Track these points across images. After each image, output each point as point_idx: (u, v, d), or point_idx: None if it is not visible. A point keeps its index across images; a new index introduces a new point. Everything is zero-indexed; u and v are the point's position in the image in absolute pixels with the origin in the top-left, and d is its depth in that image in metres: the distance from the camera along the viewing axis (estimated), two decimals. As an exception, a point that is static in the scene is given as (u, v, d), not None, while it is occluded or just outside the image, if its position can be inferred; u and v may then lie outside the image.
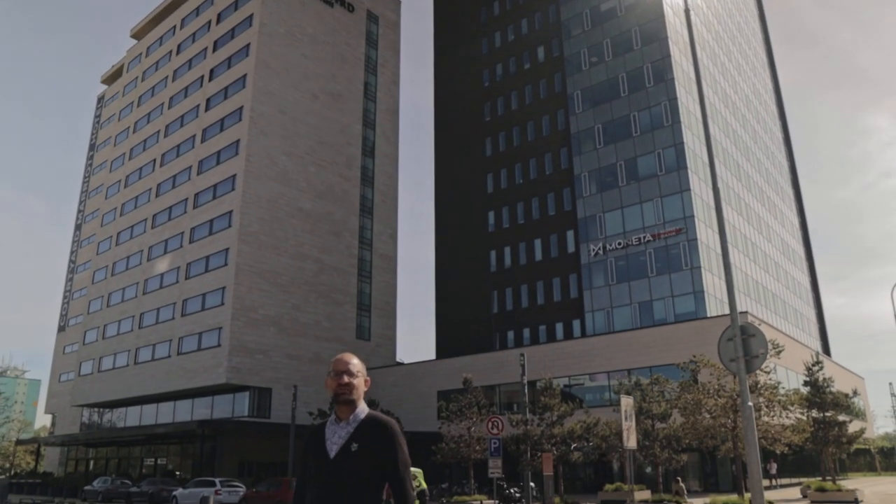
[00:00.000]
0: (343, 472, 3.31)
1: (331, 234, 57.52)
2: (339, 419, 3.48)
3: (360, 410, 3.49)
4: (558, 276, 54.87)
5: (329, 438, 3.44)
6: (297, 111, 58.14)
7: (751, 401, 10.75)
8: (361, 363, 3.63)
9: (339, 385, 3.45)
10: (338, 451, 3.36)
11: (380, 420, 3.45)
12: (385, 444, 3.36)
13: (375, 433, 3.39)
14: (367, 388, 3.56)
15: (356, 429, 3.41)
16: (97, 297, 66.00)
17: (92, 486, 40.57)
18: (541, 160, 58.79)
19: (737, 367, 10.71)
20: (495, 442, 24.02)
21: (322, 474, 3.35)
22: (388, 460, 3.34)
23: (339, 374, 3.47)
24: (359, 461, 3.32)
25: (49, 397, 79.46)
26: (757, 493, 10.14)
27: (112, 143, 75.45)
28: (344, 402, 3.47)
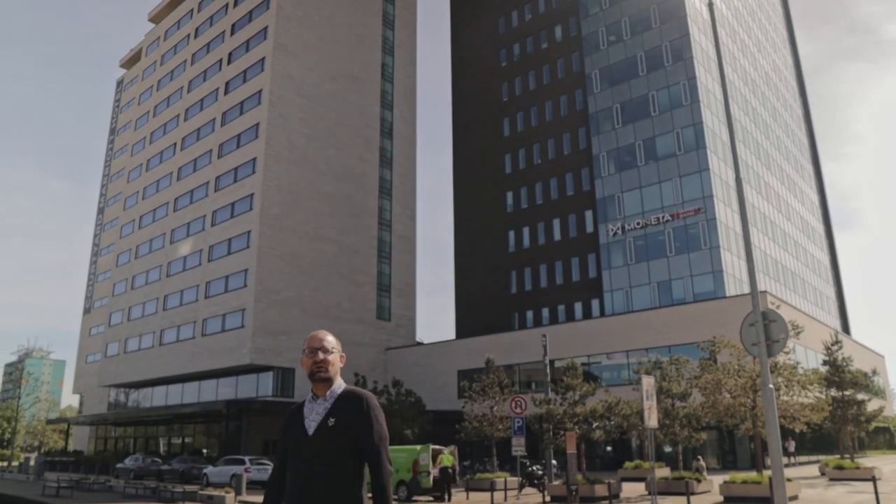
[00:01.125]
0: (322, 448, 3.30)
1: (350, 215, 58.03)
2: (316, 396, 3.47)
3: (337, 386, 3.47)
4: (577, 256, 55.14)
5: (307, 416, 3.42)
6: (316, 94, 58.44)
7: (771, 382, 11.12)
8: (336, 340, 3.59)
9: (314, 363, 3.44)
10: (316, 427, 3.35)
11: (356, 393, 3.43)
12: (361, 417, 3.33)
13: (352, 407, 3.36)
14: (342, 364, 3.55)
15: (333, 404, 3.40)
16: (121, 279, 67.14)
17: (123, 464, 41.70)
18: (559, 140, 58.83)
19: (758, 351, 11.08)
20: (519, 421, 24.57)
21: (301, 452, 3.33)
22: (363, 433, 3.31)
23: (314, 352, 3.46)
24: (337, 436, 3.30)
25: (77, 378, 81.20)
26: (777, 470, 10.55)
27: (132, 126, 76.24)
28: (320, 380, 3.44)
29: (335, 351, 3.50)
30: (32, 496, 28.95)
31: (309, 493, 3.24)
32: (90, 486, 32.24)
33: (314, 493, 3.23)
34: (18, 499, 29.12)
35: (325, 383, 3.43)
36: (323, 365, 3.42)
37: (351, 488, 3.26)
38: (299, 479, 3.28)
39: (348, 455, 3.28)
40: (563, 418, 24.66)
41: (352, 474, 3.28)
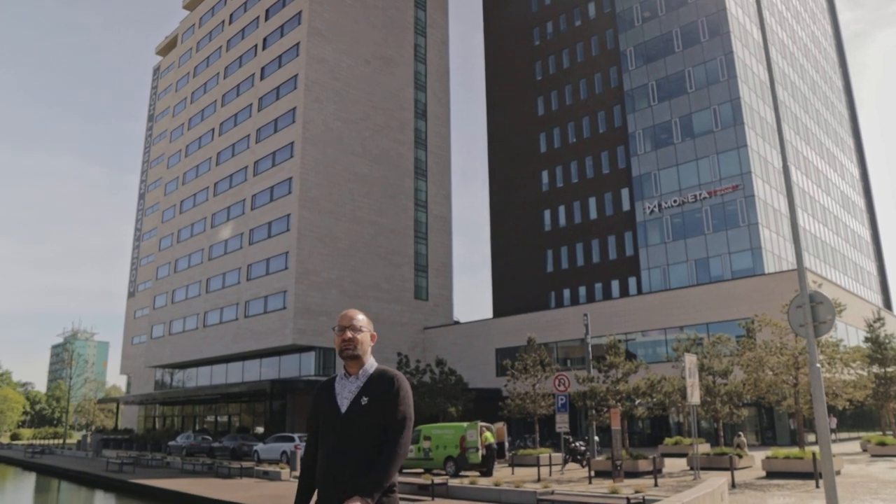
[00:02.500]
0: (354, 426, 3.33)
1: (387, 197, 58.72)
2: (348, 374, 3.50)
3: (369, 365, 3.50)
4: (613, 234, 55.24)
5: (339, 393, 3.45)
6: (350, 77, 58.98)
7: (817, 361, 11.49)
8: (368, 319, 3.62)
9: (342, 340, 3.49)
10: (349, 405, 3.38)
11: (388, 374, 3.45)
12: (391, 397, 3.36)
13: (383, 387, 3.39)
14: (373, 343, 3.59)
15: (365, 383, 3.43)
16: (164, 263, 68.86)
17: (175, 442, 43.23)
18: (594, 118, 58.70)
19: (806, 332, 11.44)
20: (562, 398, 25.12)
21: (334, 429, 3.37)
22: (390, 412, 3.34)
23: (343, 330, 3.51)
24: (369, 415, 3.33)
25: (123, 359, 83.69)
26: (825, 445, 10.96)
27: (170, 113, 77.63)
28: (349, 358, 3.48)
29: (365, 330, 3.54)
30: (98, 472, 30.41)
31: (341, 469, 3.28)
32: (148, 463, 33.65)
33: (346, 470, 3.27)
34: (86, 474, 30.61)
35: (355, 361, 3.48)
36: (351, 343, 3.46)
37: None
38: (331, 456, 3.33)
39: (379, 433, 3.32)
40: (607, 395, 25.16)
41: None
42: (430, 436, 25.97)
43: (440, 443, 25.40)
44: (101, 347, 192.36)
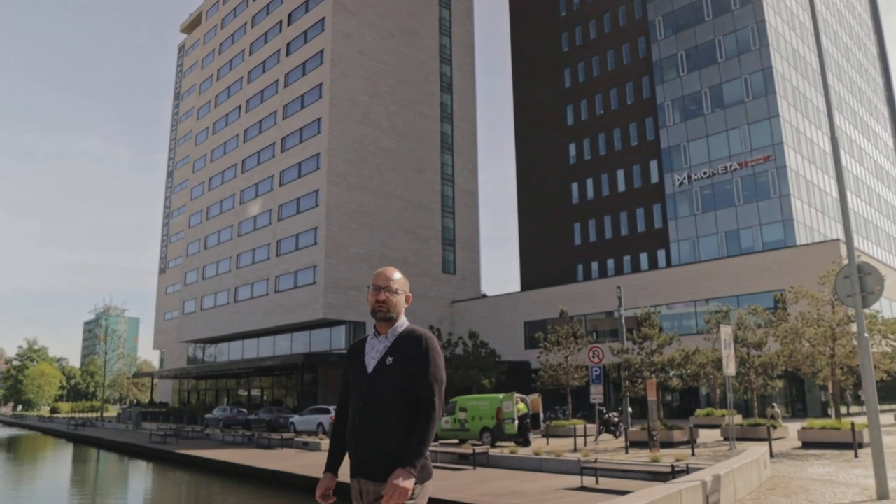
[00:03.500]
0: (379, 386, 3.27)
1: (414, 171, 58.84)
2: (378, 334, 3.44)
3: (399, 325, 3.43)
4: (642, 206, 54.96)
5: (368, 353, 3.41)
6: (376, 51, 58.87)
7: (853, 331, 11.54)
8: (404, 279, 3.51)
9: (376, 301, 3.40)
10: (375, 364, 3.34)
11: (417, 333, 3.36)
12: (419, 357, 3.27)
13: (411, 346, 3.31)
14: (408, 304, 3.48)
15: (393, 342, 3.36)
16: (194, 240, 69.76)
17: (212, 415, 44.19)
18: (622, 90, 58.12)
19: (854, 303, 11.49)
20: (597, 370, 25.34)
21: (360, 388, 3.33)
22: (419, 373, 3.24)
23: (378, 290, 3.42)
24: (394, 374, 3.26)
25: (156, 334, 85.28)
26: (873, 416, 11.05)
27: (197, 90, 78.06)
28: (381, 319, 3.40)
29: (400, 292, 3.44)
30: (143, 443, 31.30)
31: (366, 430, 3.23)
32: (188, 435, 34.51)
33: (371, 431, 3.22)
34: (132, 445, 31.52)
35: (387, 322, 3.41)
36: (385, 305, 3.38)
37: (408, 426, 3.21)
38: (357, 416, 3.28)
39: (405, 394, 3.24)
40: (642, 367, 25.33)
41: (409, 414, 3.23)
42: (465, 407, 26.36)
43: (476, 414, 25.78)
44: (132, 323, 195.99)
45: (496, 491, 14.41)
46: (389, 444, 3.18)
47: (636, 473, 15.08)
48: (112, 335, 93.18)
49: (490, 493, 14.16)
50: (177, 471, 25.05)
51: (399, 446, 3.17)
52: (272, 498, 18.34)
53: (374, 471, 3.17)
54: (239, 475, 21.86)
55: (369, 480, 3.20)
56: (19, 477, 25.94)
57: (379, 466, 3.16)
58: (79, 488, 22.58)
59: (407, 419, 3.21)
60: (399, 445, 3.17)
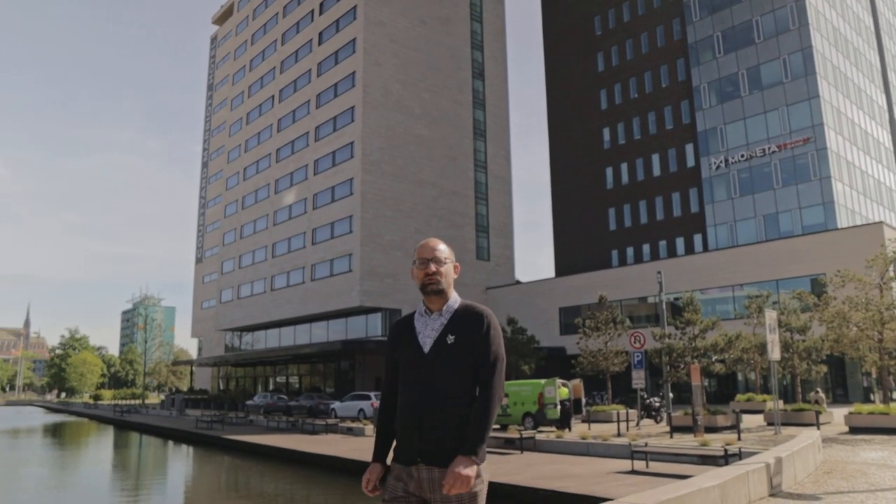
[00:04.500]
0: (440, 367, 3.04)
1: (447, 158, 58.92)
2: (429, 311, 3.18)
3: (454, 300, 3.18)
4: (678, 190, 54.46)
5: (421, 332, 3.15)
6: (408, 38, 58.89)
7: None
8: (449, 249, 3.27)
9: (426, 275, 3.14)
10: (433, 344, 3.08)
11: (476, 309, 3.13)
12: (481, 334, 3.05)
13: (472, 324, 3.08)
14: (457, 274, 3.25)
15: (450, 320, 3.11)
16: (230, 229, 70.70)
17: (253, 401, 44.97)
18: (656, 73, 57.48)
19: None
20: (638, 355, 25.33)
21: (417, 370, 3.08)
22: (481, 351, 3.03)
23: (426, 263, 3.16)
24: (455, 354, 3.04)
25: (194, 322, 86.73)
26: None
27: (230, 81, 78.80)
28: (432, 293, 3.14)
29: (448, 261, 3.21)
30: (190, 429, 32.04)
31: (427, 413, 3.01)
32: (232, 421, 35.20)
33: (433, 414, 3.00)
34: (180, 431, 32.29)
35: (439, 296, 3.16)
36: (435, 277, 3.13)
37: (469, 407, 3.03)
38: (415, 399, 3.05)
39: (467, 374, 3.03)
40: (685, 352, 25.27)
41: (470, 393, 3.04)
42: (507, 392, 26.54)
43: (518, 399, 25.97)
44: (168, 312, 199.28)
45: (548, 474, 14.58)
46: (453, 427, 2.98)
47: (687, 457, 15.12)
48: (151, 324, 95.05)
49: (542, 476, 14.34)
50: (225, 455, 25.63)
51: (463, 429, 2.99)
52: (328, 481, 18.75)
53: (438, 456, 2.98)
54: (289, 460, 22.33)
55: (433, 466, 2.98)
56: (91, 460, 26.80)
57: (443, 451, 2.96)
58: (147, 470, 23.45)
59: (468, 400, 3.03)
60: (463, 428, 2.99)
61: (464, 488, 2.83)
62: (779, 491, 9.14)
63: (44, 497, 17.76)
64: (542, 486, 12.97)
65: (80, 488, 19.73)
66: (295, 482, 19.45)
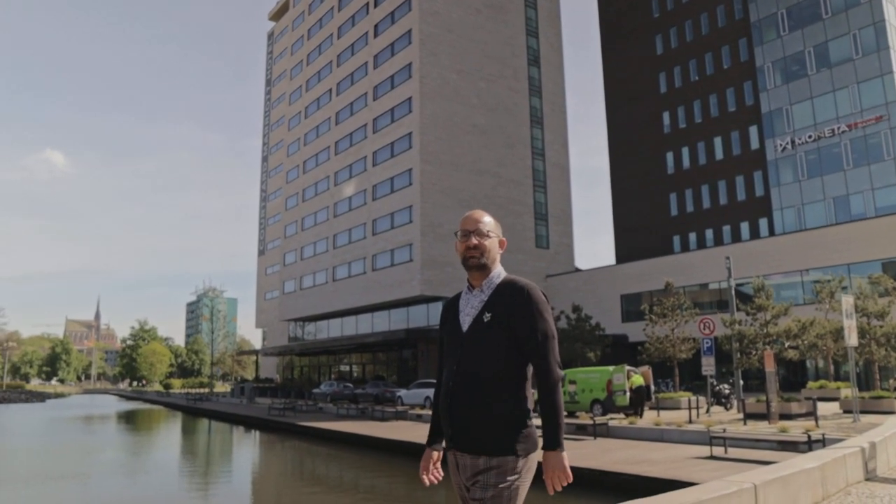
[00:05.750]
0: (477, 346, 2.85)
1: (504, 147, 58.85)
2: (472, 287, 3.01)
3: (496, 275, 2.98)
4: (742, 174, 53.28)
5: (462, 310, 2.99)
6: (463, 28, 58.90)
7: None
8: (495, 221, 3.09)
9: (467, 248, 2.97)
10: (471, 322, 2.91)
11: (517, 283, 2.91)
12: (521, 310, 2.82)
13: (511, 299, 2.86)
14: (502, 249, 3.06)
15: (490, 296, 2.92)
16: (291, 221, 72.14)
17: (319, 389, 46.00)
18: (717, 54, 56.20)
19: None
20: (708, 342, 25.05)
21: (455, 350, 2.92)
22: (524, 329, 2.80)
23: (467, 235, 2.99)
24: (492, 332, 2.84)
25: (258, 313, 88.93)
26: None
27: (287, 76, 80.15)
28: (474, 267, 2.96)
29: (493, 235, 3.02)
30: (263, 416, 33.05)
31: (461, 396, 2.82)
32: (301, 409, 36.13)
33: (467, 398, 2.81)
34: (255, 418, 33.35)
35: (481, 272, 2.97)
36: (476, 251, 2.95)
37: (511, 391, 2.81)
38: (451, 382, 2.88)
39: (507, 354, 2.82)
40: (756, 338, 24.89)
41: (511, 375, 2.83)
42: (575, 379, 26.62)
43: (586, 386, 26.01)
44: (231, 304, 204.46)
45: (625, 459, 14.67)
46: (488, 412, 2.77)
47: (767, 443, 15.01)
48: (216, 315, 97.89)
49: (620, 461, 14.44)
50: (299, 441, 26.41)
51: (499, 415, 2.77)
52: (405, 465, 19.19)
53: (471, 443, 2.78)
54: (363, 445, 22.89)
55: (465, 454, 2.81)
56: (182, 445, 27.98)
57: (475, 438, 2.77)
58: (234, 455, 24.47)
59: (508, 384, 2.81)
60: (499, 414, 2.77)
61: (564, 480, 2.70)
62: (874, 475, 9.08)
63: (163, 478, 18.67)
64: (623, 470, 13.08)
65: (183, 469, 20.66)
66: (382, 466, 19.94)
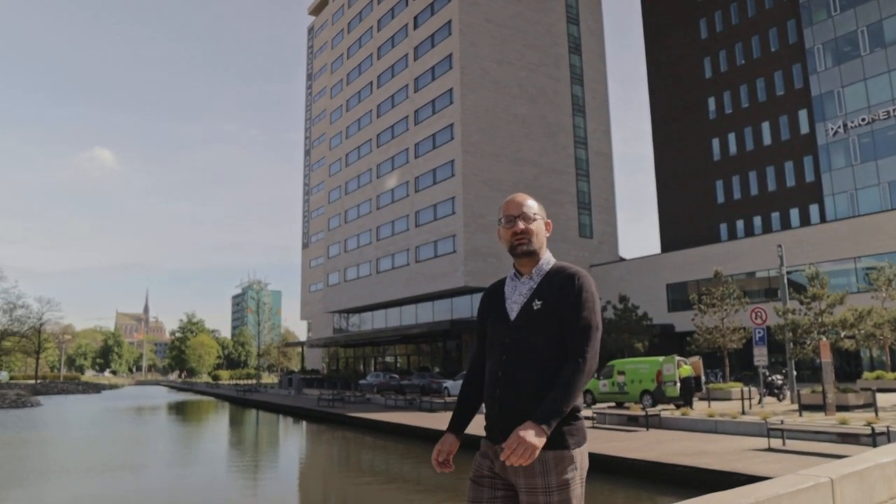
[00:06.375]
0: (526, 336, 2.72)
1: (546, 136, 58.48)
2: (519, 274, 2.87)
3: (545, 261, 2.85)
4: (791, 159, 52.06)
5: (509, 297, 2.85)
6: (503, 17, 58.58)
7: None
8: (539, 205, 2.94)
9: (514, 234, 2.82)
10: (519, 310, 2.77)
11: (569, 271, 2.78)
12: (571, 297, 2.69)
13: (562, 286, 2.73)
14: (549, 232, 2.92)
15: (540, 283, 2.79)
16: (335, 214, 72.84)
17: (366, 380, 46.50)
18: (764, 36, 54.89)
19: None
20: (760, 331, 24.63)
21: (501, 340, 2.77)
22: (570, 317, 2.67)
23: (513, 220, 2.84)
24: (543, 321, 2.71)
25: (303, 305, 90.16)
26: None
27: (328, 70, 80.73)
28: (522, 254, 2.81)
29: (539, 218, 2.88)
30: (313, 406, 33.57)
31: (510, 388, 2.69)
32: (349, 399, 36.58)
33: (516, 389, 2.67)
34: (305, 409, 33.89)
35: (529, 258, 2.83)
36: (525, 236, 2.81)
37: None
38: (500, 373, 2.72)
39: (557, 344, 2.68)
40: (811, 328, 24.40)
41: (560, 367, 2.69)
42: (624, 370, 26.43)
43: (635, 377, 25.81)
44: (275, 296, 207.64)
45: (681, 451, 14.55)
46: (537, 405, 2.59)
47: (826, 435, 14.74)
48: (262, 308, 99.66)
49: (676, 452, 14.33)
50: (348, 431, 26.77)
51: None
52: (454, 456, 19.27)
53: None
54: (412, 435, 23.10)
55: None
56: (245, 436, 28.62)
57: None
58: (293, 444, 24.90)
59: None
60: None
61: (524, 459, 2.41)
62: (945, 469, 8.86)
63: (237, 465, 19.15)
64: (678, 462, 12.99)
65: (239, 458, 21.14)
66: (425, 458, 20.11)
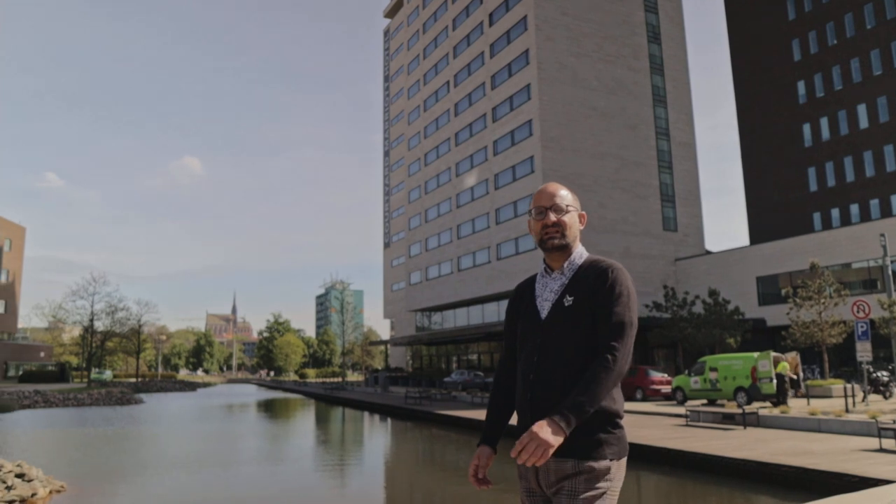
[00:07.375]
0: (558, 334, 2.58)
1: (626, 128, 57.41)
2: (550, 269, 2.76)
3: (577, 255, 2.73)
4: (891, 143, 49.38)
5: (540, 294, 2.72)
6: (578, 9, 57.84)
7: None
8: (573, 195, 2.78)
9: (544, 226, 2.71)
10: (550, 307, 2.65)
11: (602, 264, 2.64)
12: (603, 292, 2.55)
13: (594, 281, 2.59)
14: (583, 225, 2.80)
15: (571, 278, 2.67)
16: (415, 214, 73.61)
17: (450, 378, 46.86)
18: (858, 13, 52.23)
19: None
20: (863, 325, 23.51)
21: (533, 338, 2.64)
22: (602, 312, 2.53)
23: (543, 212, 2.72)
24: (575, 318, 2.57)
25: (385, 304, 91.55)
26: None
27: (405, 71, 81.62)
28: (553, 248, 2.70)
29: (572, 209, 2.75)
30: (400, 404, 34.11)
31: (542, 390, 2.55)
32: (436, 397, 36.96)
33: (548, 391, 2.54)
34: (393, 406, 34.48)
35: (561, 252, 2.71)
36: (556, 230, 2.69)
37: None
38: (532, 373, 2.60)
39: (589, 343, 2.54)
40: (920, 321, 23.16)
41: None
42: (716, 367, 25.74)
43: (728, 374, 25.10)
44: (357, 295, 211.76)
45: (785, 451, 14.07)
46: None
47: (943, 434, 13.98)
48: (345, 307, 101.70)
49: (779, 452, 13.87)
50: (435, 428, 27.03)
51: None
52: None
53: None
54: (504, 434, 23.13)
55: (551, 457, 2.44)
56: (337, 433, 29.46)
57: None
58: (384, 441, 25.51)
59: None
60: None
61: (535, 459, 2.27)
62: None
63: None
64: (784, 461, 12.58)
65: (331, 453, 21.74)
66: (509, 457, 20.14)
